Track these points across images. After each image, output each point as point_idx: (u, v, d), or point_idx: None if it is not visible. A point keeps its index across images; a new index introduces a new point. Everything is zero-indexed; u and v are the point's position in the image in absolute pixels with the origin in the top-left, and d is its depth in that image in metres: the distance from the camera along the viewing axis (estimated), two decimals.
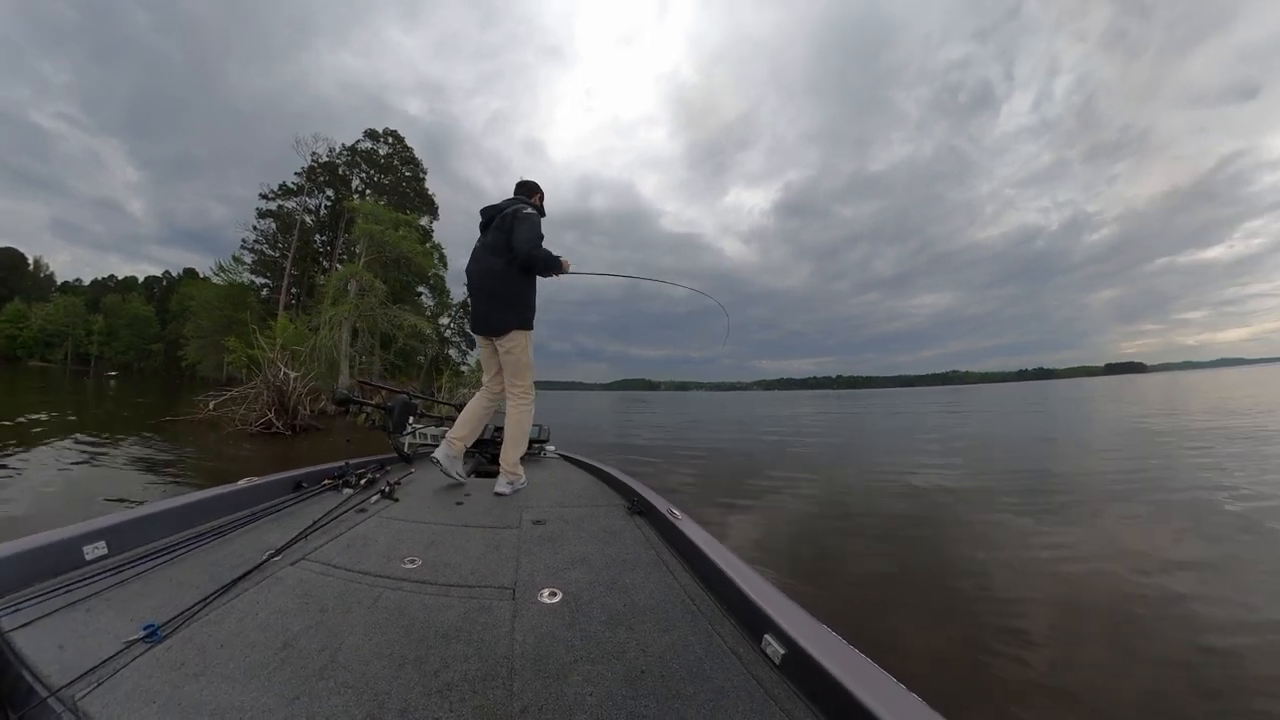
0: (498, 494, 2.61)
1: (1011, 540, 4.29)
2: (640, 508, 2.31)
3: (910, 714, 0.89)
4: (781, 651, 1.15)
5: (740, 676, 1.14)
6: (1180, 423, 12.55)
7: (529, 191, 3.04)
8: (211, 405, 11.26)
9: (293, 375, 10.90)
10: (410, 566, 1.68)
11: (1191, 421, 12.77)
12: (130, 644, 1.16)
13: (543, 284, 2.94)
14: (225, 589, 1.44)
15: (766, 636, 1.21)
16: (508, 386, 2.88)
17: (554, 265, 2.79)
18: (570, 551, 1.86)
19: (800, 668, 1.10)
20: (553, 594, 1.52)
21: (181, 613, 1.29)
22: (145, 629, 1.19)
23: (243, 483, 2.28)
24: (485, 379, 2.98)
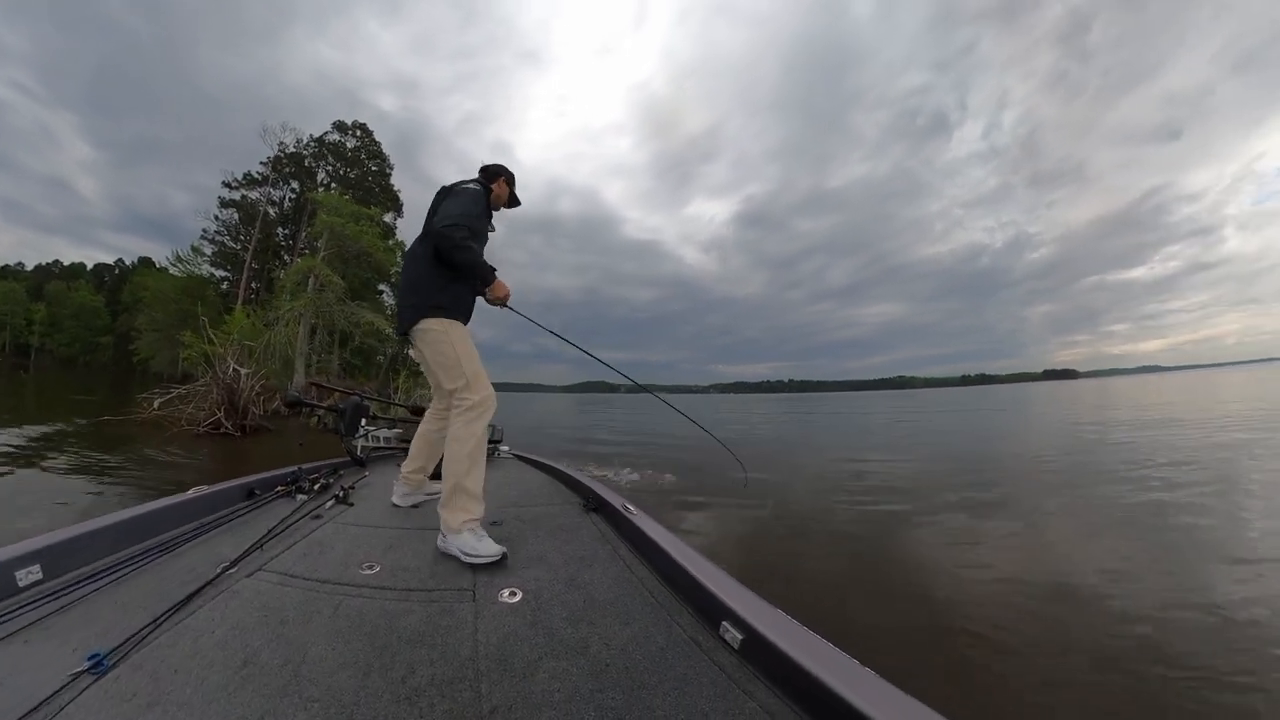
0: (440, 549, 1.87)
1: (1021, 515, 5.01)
2: (595, 505, 2.30)
3: (866, 687, 0.91)
4: (740, 637, 1.17)
5: (702, 663, 1.16)
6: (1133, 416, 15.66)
7: (489, 176, 2.37)
8: (156, 404, 10.61)
9: (244, 372, 10.36)
10: (369, 572, 1.63)
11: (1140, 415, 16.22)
12: (75, 676, 1.06)
13: (506, 283, 2.43)
14: (177, 608, 1.34)
15: (724, 624, 1.22)
16: (446, 393, 2.14)
17: (472, 265, 2.02)
18: (528, 551, 1.84)
19: (758, 651, 1.12)
20: (512, 593, 1.50)
21: (130, 638, 1.19)
22: (90, 659, 1.10)
23: (191, 493, 2.15)
24: (435, 395, 2.38)
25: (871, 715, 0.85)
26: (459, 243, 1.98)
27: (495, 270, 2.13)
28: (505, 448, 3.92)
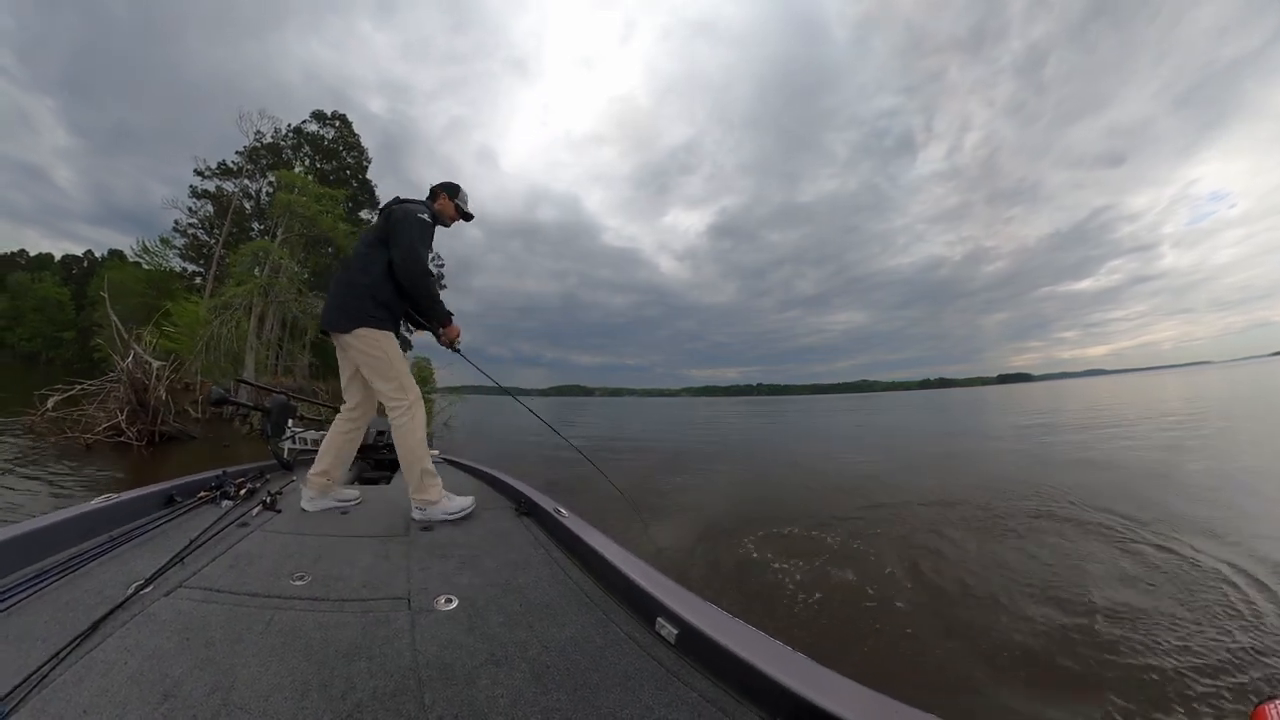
0: (414, 520, 2.12)
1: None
2: (527, 508, 2.22)
3: (800, 671, 0.94)
4: (675, 632, 1.16)
5: (641, 659, 1.14)
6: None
7: (432, 196, 2.42)
8: (50, 404, 8.22)
9: (156, 364, 8.02)
10: (300, 583, 1.48)
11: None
12: None
13: (484, 289, 2.00)
14: (83, 637, 1.12)
15: (659, 620, 1.21)
16: (378, 394, 2.23)
17: (434, 302, 2.25)
18: (461, 556, 1.75)
19: (695, 644, 1.12)
20: (448, 600, 1.42)
21: (27, 678, 0.99)
22: None
23: (99, 501, 1.80)
24: (345, 397, 2.34)
25: (806, 695, 0.88)
26: (428, 279, 2.14)
27: (452, 315, 2.32)
28: (435, 451, 3.64)
